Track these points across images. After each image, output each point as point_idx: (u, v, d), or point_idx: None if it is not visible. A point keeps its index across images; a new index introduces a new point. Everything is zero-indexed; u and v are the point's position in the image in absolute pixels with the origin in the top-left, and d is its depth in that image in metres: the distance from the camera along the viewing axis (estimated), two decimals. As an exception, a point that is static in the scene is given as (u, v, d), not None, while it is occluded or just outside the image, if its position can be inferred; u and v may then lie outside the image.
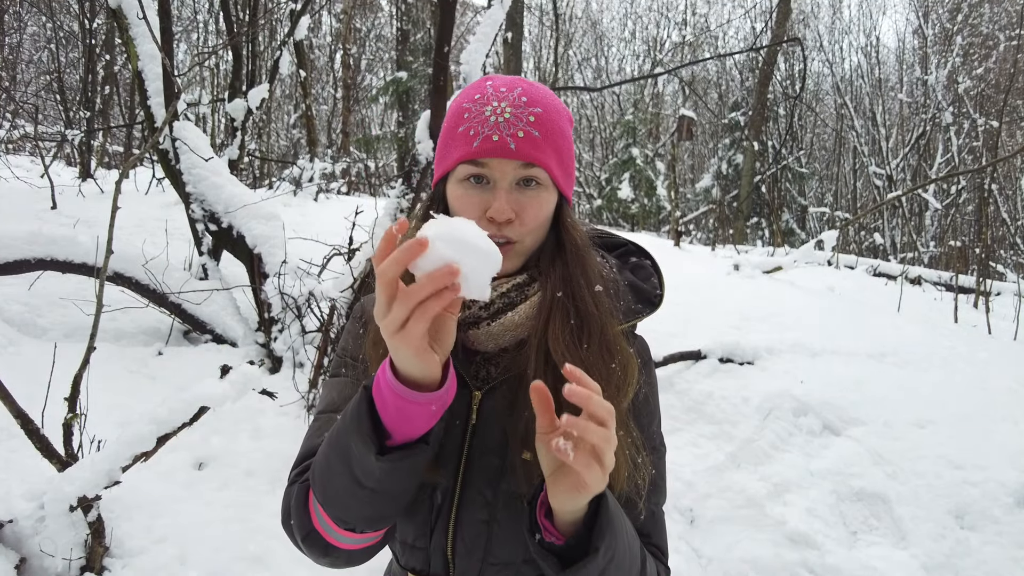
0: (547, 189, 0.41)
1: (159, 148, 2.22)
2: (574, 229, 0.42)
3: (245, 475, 1.41)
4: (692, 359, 1.78)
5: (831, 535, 1.31)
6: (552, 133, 0.41)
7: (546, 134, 0.41)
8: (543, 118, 0.41)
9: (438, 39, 1.63)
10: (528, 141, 0.40)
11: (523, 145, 0.40)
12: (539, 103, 0.41)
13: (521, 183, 0.41)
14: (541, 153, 0.40)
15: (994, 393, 1.71)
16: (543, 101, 0.42)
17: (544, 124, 0.41)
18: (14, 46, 6.51)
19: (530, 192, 0.41)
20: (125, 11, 2.17)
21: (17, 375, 1.27)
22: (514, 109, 0.40)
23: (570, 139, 0.43)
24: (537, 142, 0.40)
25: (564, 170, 0.42)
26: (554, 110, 0.42)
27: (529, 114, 0.40)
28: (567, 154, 0.42)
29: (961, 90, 7.30)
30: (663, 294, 0.45)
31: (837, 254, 3.87)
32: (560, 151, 0.42)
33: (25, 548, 1.06)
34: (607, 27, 10.63)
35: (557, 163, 0.41)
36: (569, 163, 0.43)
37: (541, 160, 0.40)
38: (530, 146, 0.40)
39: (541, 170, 0.41)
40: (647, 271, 0.47)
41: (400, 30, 7.88)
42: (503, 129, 0.40)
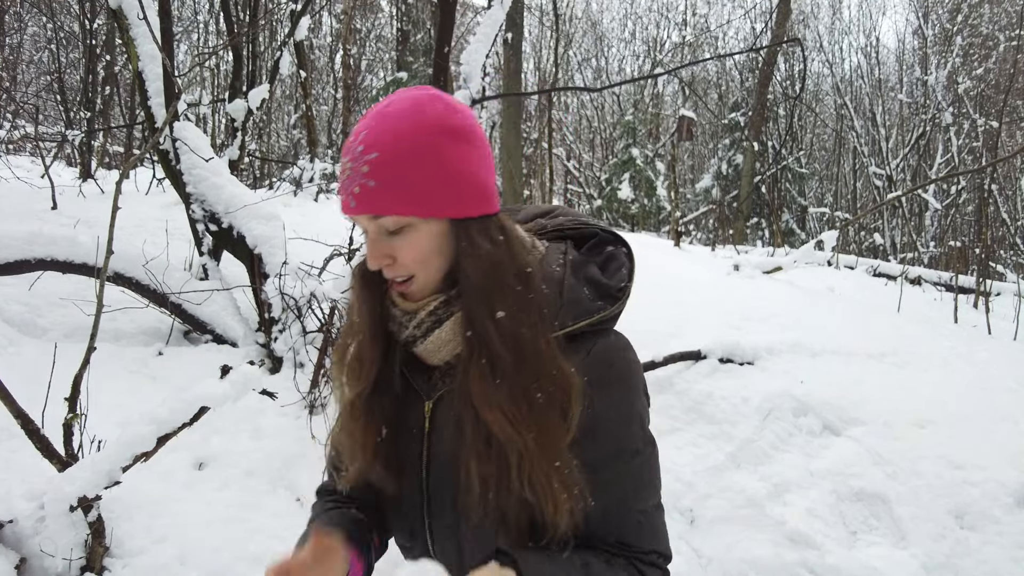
0: (417, 228, 0.39)
1: (159, 148, 2.22)
2: (474, 249, 0.39)
3: (245, 475, 1.41)
4: (692, 359, 1.78)
5: (831, 535, 1.31)
6: (395, 173, 0.38)
7: (385, 178, 0.38)
8: (380, 161, 0.38)
9: (438, 39, 1.63)
10: (364, 195, 0.39)
11: (360, 201, 0.39)
12: (379, 146, 0.38)
13: (385, 232, 0.40)
14: (379, 202, 0.39)
15: (994, 393, 1.70)
16: (385, 140, 0.38)
17: (383, 167, 0.38)
18: (15, 46, 6.52)
19: (398, 237, 0.40)
20: (125, 11, 2.17)
21: (17, 375, 1.27)
22: (353, 163, 0.39)
23: (443, 158, 0.38)
24: (372, 192, 0.38)
25: (434, 199, 0.38)
26: (402, 142, 0.38)
27: (363, 164, 0.39)
28: (435, 180, 0.38)
29: (961, 90, 7.31)
30: (629, 286, 0.42)
31: (837, 254, 3.86)
32: (416, 185, 0.38)
33: (25, 548, 1.06)
34: (607, 27, 10.67)
35: (413, 200, 0.38)
36: (443, 186, 0.38)
37: (381, 209, 0.39)
38: (366, 200, 0.39)
39: (391, 217, 0.39)
40: (619, 261, 0.44)
41: (400, 30, 7.90)
42: (346, 188, 0.39)
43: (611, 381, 0.42)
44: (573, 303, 0.41)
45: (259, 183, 5.15)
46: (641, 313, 2.53)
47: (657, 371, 1.74)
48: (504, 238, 0.41)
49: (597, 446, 0.41)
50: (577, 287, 0.42)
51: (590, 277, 0.43)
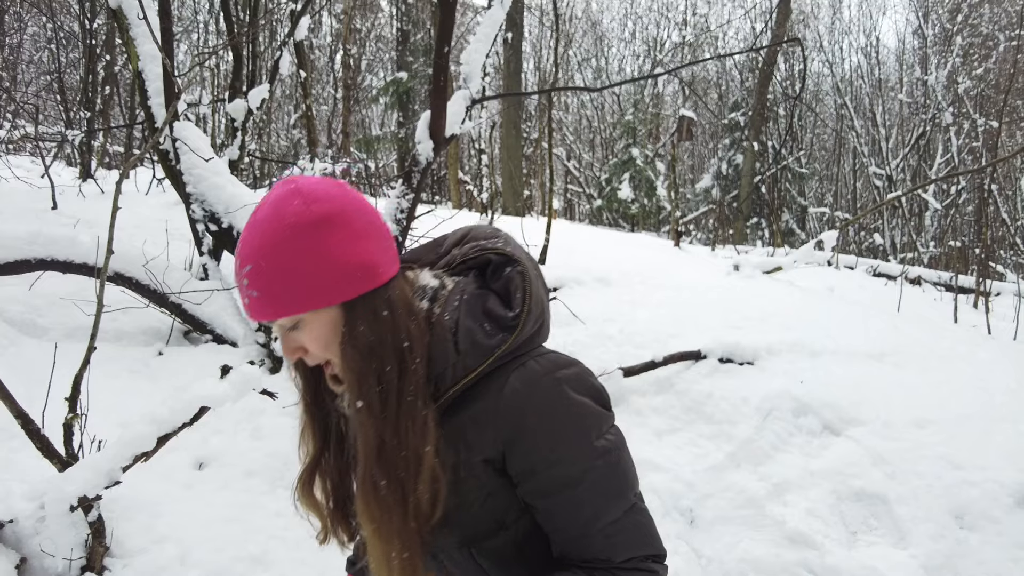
0: (310, 320, 0.41)
1: (159, 148, 2.22)
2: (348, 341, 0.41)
3: (245, 475, 1.41)
4: (692, 359, 1.78)
5: (831, 535, 1.31)
6: (270, 282, 0.40)
7: (264, 288, 0.41)
8: (255, 274, 0.41)
9: (438, 39, 1.63)
10: (252, 305, 0.42)
11: (252, 311, 0.42)
12: (252, 258, 0.41)
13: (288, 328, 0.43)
14: (264, 309, 0.41)
15: (994, 393, 1.70)
16: (257, 251, 0.40)
17: (258, 280, 0.41)
18: (14, 46, 6.51)
19: (299, 331, 0.42)
20: (125, 11, 2.17)
21: (18, 375, 1.28)
22: (238, 278, 0.42)
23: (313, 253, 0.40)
24: (257, 302, 0.41)
25: (313, 294, 0.40)
26: (272, 250, 0.40)
27: (244, 278, 0.41)
28: (309, 276, 0.40)
29: (961, 90, 7.31)
30: (521, 312, 0.42)
31: (837, 254, 3.88)
32: (293, 287, 0.40)
33: (25, 548, 1.06)
34: (607, 27, 10.67)
35: (294, 300, 0.40)
36: (319, 279, 0.40)
37: (268, 315, 0.41)
38: (255, 310, 0.42)
39: (282, 319, 0.42)
40: (514, 284, 0.43)
41: (400, 30, 7.90)
42: (241, 300, 0.43)
43: (533, 416, 0.41)
44: (471, 348, 0.42)
45: (259, 183, 5.15)
46: (642, 313, 2.53)
47: (657, 371, 1.73)
48: (388, 312, 0.41)
49: (540, 482, 0.42)
50: (473, 329, 0.42)
51: (487, 310, 0.43)
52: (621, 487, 0.43)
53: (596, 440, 0.42)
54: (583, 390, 0.43)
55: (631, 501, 0.43)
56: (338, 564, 1.24)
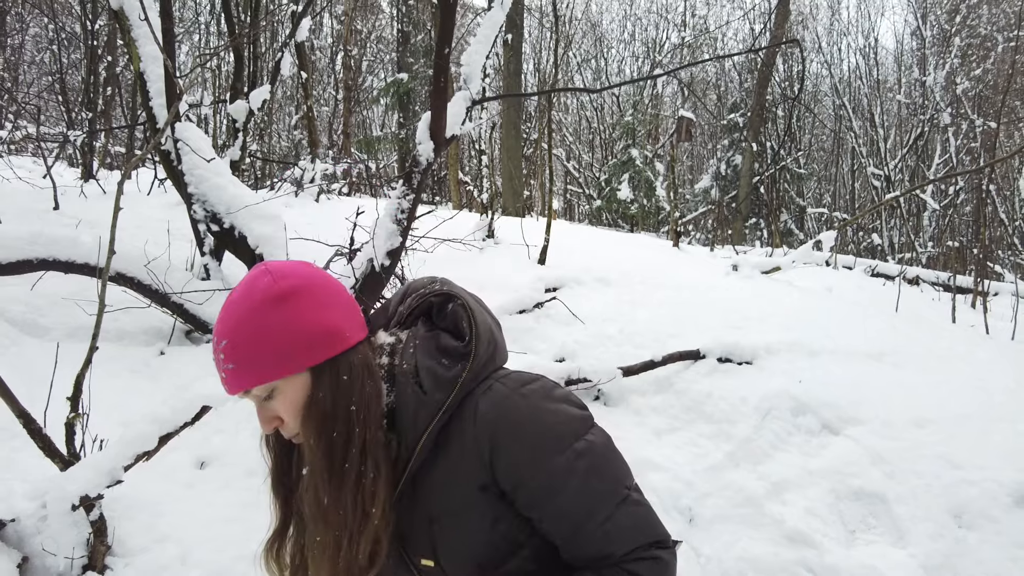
0: (282, 389, 0.44)
1: (161, 149, 2.22)
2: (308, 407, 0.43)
3: (247, 474, 1.41)
4: (691, 359, 1.78)
5: (829, 534, 1.31)
6: (243, 354, 0.43)
7: (238, 360, 0.43)
8: (230, 348, 0.44)
9: (439, 41, 1.64)
10: (228, 379, 0.44)
11: (228, 384, 0.45)
12: (227, 334, 0.44)
13: (264, 399, 0.45)
14: (240, 381, 0.44)
15: (992, 393, 1.71)
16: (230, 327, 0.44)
17: (233, 353, 0.44)
18: (16, 47, 6.53)
19: (273, 400, 0.45)
20: (127, 12, 2.18)
21: (19, 375, 1.28)
22: (215, 353, 0.45)
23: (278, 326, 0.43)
24: (233, 374, 0.44)
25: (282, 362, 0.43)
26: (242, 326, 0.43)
27: (220, 353, 0.44)
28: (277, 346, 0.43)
29: (959, 91, 7.35)
30: (470, 338, 0.44)
31: (835, 254, 3.88)
32: (263, 356, 0.43)
33: (27, 547, 1.07)
34: (607, 29, 10.69)
35: (266, 369, 0.43)
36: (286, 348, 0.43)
37: (243, 386, 0.44)
38: (231, 382, 0.44)
39: (256, 388, 0.44)
40: (458, 315, 0.46)
41: (401, 32, 7.92)
42: (218, 375, 0.45)
43: (507, 432, 0.43)
44: (435, 385, 0.44)
45: (260, 184, 5.15)
46: (641, 313, 2.53)
47: (656, 371, 1.74)
48: (348, 376, 0.44)
49: (529, 492, 0.43)
50: (432, 366, 0.44)
51: (441, 347, 0.45)
52: (608, 483, 0.44)
53: (574, 443, 0.44)
54: (551, 398, 0.45)
55: (622, 494, 0.44)
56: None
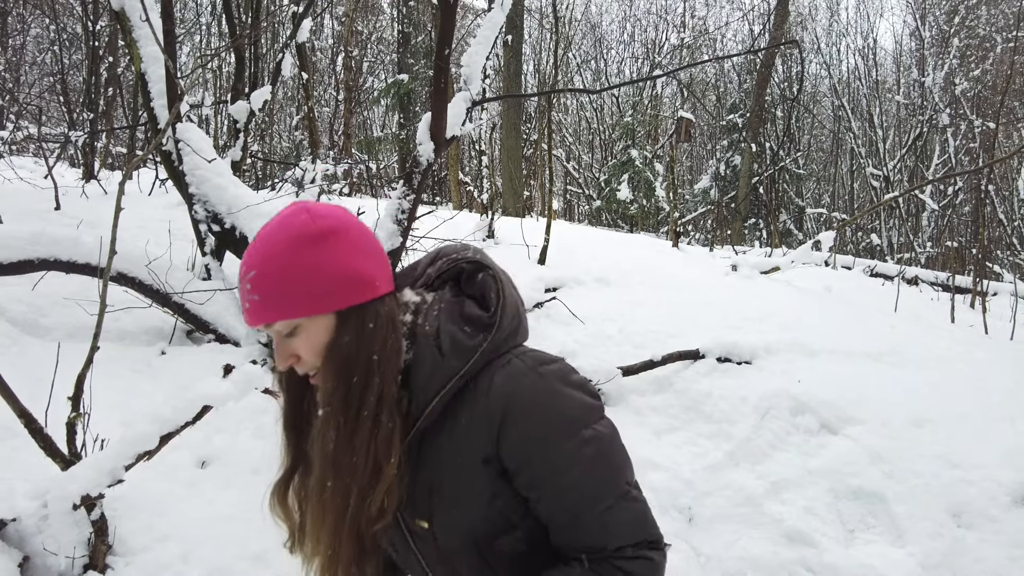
0: (306, 327, 0.44)
1: (162, 149, 2.22)
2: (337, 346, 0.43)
3: (248, 474, 1.41)
4: (690, 359, 1.79)
5: (828, 533, 1.32)
6: (271, 286, 0.43)
7: (265, 292, 0.43)
8: (258, 279, 0.43)
9: (439, 42, 1.65)
10: (252, 309, 0.44)
11: (251, 314, 0.45)
12: (256, 264, 0.44)
13: (286, 335, 0.45)
14: (265, 313, 0.44)
15: (991, 392, 1.71)
16: (261, 258, 0.43)
17: (260, 284, 0.43)
18: (18, 48, 6.53)
19: (295, 338, 0.45)
20: (128, 13, 2.18)
21: (21, 374, 1.28)
22: (241, 283, 0.45)
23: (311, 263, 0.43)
24: (258, 305, 0.44)
25: (311, 300, 0.43)
26: (274, 258, 0.43)
27: (247, 283, 0.44)
28: (307, 283, 0.43)
29: (958, 92, 7.35)
30: (497, 309, 0.44)
31: (834, 255, 3.90)
32: (292, 292, 0.43)
33: (28, 546, 1.07)
34: (606, 30, 10.72)
35: (293, 304, 0.43)
36: (316, 286, 0.43)
37: (267, 318, 0.44)
38: (255, 313, 0.44)
39: (279, 323, 0.44)
40: (487, 286, 0.46)
41: (401, 33, 7.93)
42: (241, 305, 0.46)
43: (520, 409, 0.43)
44: (454, 350, 0.44)
45: (261, 184, 5.16)
46: (640, 313, 2.53)
47: (656, 370, 1.74)
48: (373, 324, 0.44)
49: (533, 470, 0.43)
50: (454, 332, 0.44)
51: (465, 315, 0.45)
52: (612, 474, 0.44)
53: (583, 429, 0.43)
54: (568, 383, 0.45)
55: (623, 488, 0.44)
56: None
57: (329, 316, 0.43)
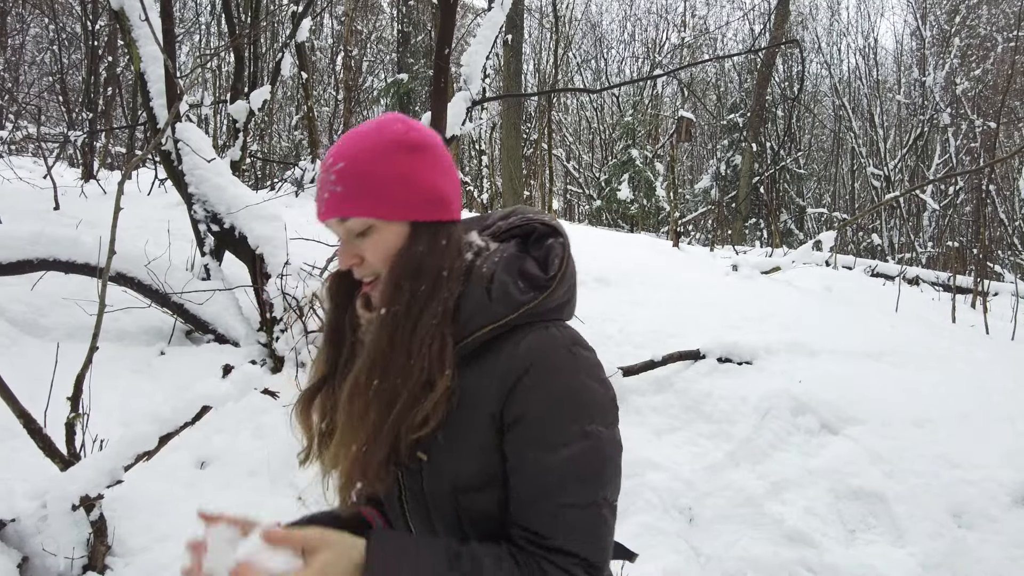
0: (380, 229, 0.44)
1: (161, 149, 2.22)
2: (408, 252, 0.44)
3: (247, 474, 1.41)
4: (691, 359, 1.79)
5: (829, 533, 1.31)
6: (358, 180, 0.43)
7: (350, 184, 0.43)
8: (345, 171, 0.43)
9: (439, 41, 1.65)
10: (332, 200, 0.44)
11: (328, 206, 0.44)
12: (344, 157, 0.44)
13: (357, 234, 0.45)
14: (346, 204, 0.44)
15: (992, 393, 1.71)
16: (350, 153, 0.44)
17: (347, 176, 0.43)
18: (17, 47, 6.53)
19: (366, 238, 0.45)
20: (127, 13, 2.18)
21: (20, 375, 1.28)
22: (323, 174, 0.44)
23: (401, 168, 0.43)
24: (339, 197, 0.44)
25: (393, 203, 0.43)
26: (365, 155, 0.43)
27: (331, 173, 0.44)
28: (393, 186, 0.43)
29: (959, 91, 7.35)
30: (559, 275, 0.45)
31: (835, 254, 3.88)
32: (377, 190, 0.43)
33: (27, 547, 1.07)
34: (607, 29, 10.71)
35: (375, 203, 0.43)
36: (401, 192, 0.43)
37: (346, 212, 0.44)
38: (334, 204, 0.44)
39: (355, 219, 0.44)
40: (555, 252, 0.46)
41: (401, 32, 7.92)
42: (318, 197, 0.45)
43: (539, 372, 0.42)
44: (502, 299, 0.44)
45: (261, 184, 5.15)
46: (641, 313, 2.53)
47: (656, 371, 1.74)
48: (446, 243, 0.45)
49: (522, 433, 0.42)
50: (507, 283, 0.44)
51: (523, 271, 0.45)
52: (594, 479, 0.42)
53: (589, 423, 0.43)
54: (594, 375, 0.44)
55: (596, 498, 0.42)
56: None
57: (404, 224, 0.44)
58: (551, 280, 0.44)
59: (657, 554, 1.27)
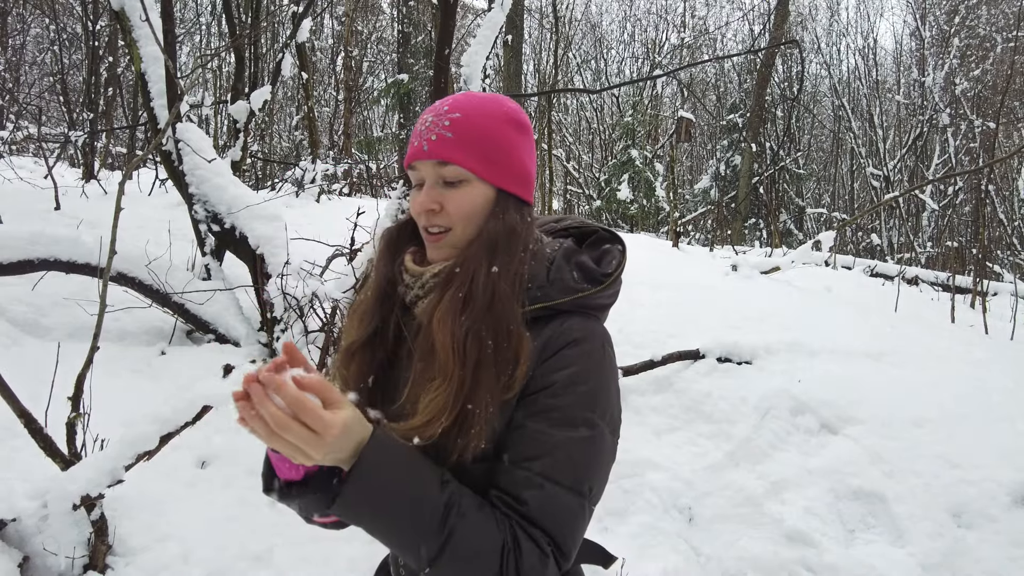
0: (472, 185, 0.46)
1: (162, 149, 2.23)
2: (497, 218, 0.45)
3: (247, 474, 1.41)
4: (690, 359, 1.79)
5: (829, 533, 1.32)
6: (470, 133, 0.45)
7: (462, 134, 0.45)
8: (460, 121, 0.45)
9: (439, 41, 1.65)
10: (440, 142, 0.45)
11: (434, 146, 0.45)
12: (461, 109, 0.46)
13: (443, 182, 0.46)
14: (453, 150, 0.45)
15: (991, 393, 1.71)
16: (466, 108, 0.46)
17: (461, 126, 0.45)
18: (18, 48, 6.54)
19: (454, 189, 0.46)
20: (128, 13, 2.18)
21: (21, 375, 1.27)
22: (435, 117, 0.46)
23: (509, 139, 0.46)
24: (448, 142, 0.45)
25: (493, 165, 0.45)
26: (481, 114, 0.46)
27: (445, 119, 0.45)
28: (499, 151, 0.46)
29: (958, 92, 7.34)
30: (613, 273, 0.47)
31: (834, 255, 3.90)
32: (482, 149, 0.45)
33: (28, 547, 1.07)
34: (606, 30, 10.71)
35: (480, 159, 0.45)
36: (500, 159, 0.46)
37: (451, 157, 0.45)
38: (440, 146, 0.45)
39: (455, 167, 0.45)
40: (612, 255, 0.48)
41: (401, 33, 7.92)
42: (422, 135, 0.46)
43: (578, 354, 0.44)
44: (558, 282, 0.46)
45: (261, 184, 5.16)
46: (640, 313, 2.53)
47: (656, 371, 1.74)
48: (529, 220, 0.48)
49: (537, 401, 0.43)
50: (564, 269, 0.47)
51: (580, 263, 0.48)
52: (585, 468, 0.43)
53: (600, 419, 0.44)
54: (615, 380, 0.46)
55: (582, 489, 0.43)
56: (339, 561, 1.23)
57: (492, 189, 0.46)
58: (607, 276, 0.46)
59: (657, 554, 1.27)
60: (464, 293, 0.44)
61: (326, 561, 1.17)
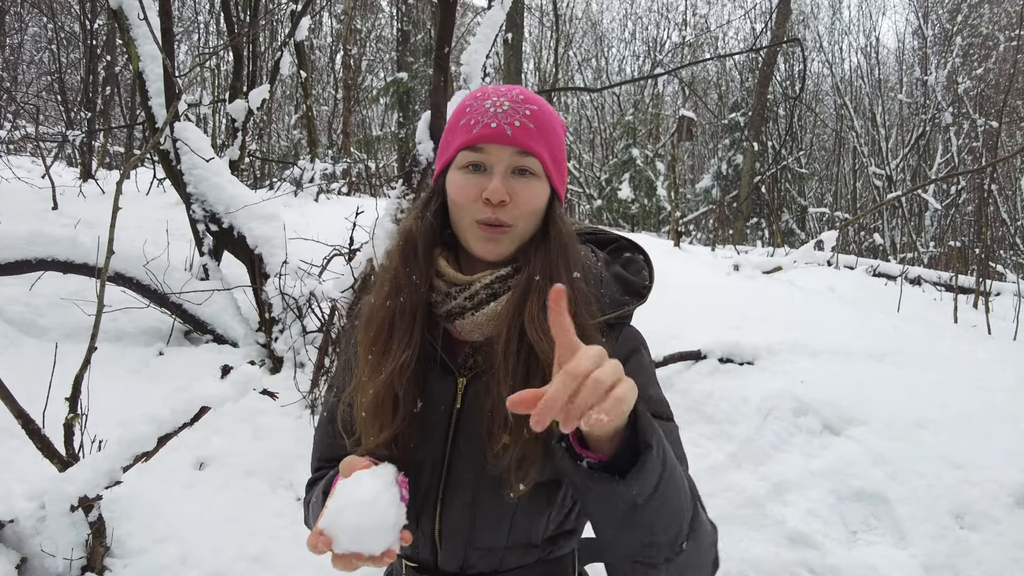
0: (540, 180, 0.44)
1: (160, 149, 2.22)
2: (561, 221, 0.45)
3: (246, 475, 1.41)
4: (692, 359, 1.79)
5: (831, 535, 1.31)
6: (546, 129, 0.44)
7: (541, 127, 0.44)
8: (538, 115, 0.44)
9: (438, 40, 1.64)
10: (524, 130, 0.43)
11: (519, 133, 0.43)
12: (535, 103, 0.45)
13: (516, 172, 0.43)
14: (536, 143, 0.43)
15: (994, 393, 1.70)
16: (539, 103, 0.45)
17: (539, 119, 0.44)
18: (15, 47, 6.54)
19: (524, 180, 0.43)
20: (126, 12, 2.18)
21: (18, 375, 1.27)
22: (512, 103, 0.44)
23: (563, 143, 0.47)
24: (532, 132, 0.43)
25: (557, 166, 0.45)
26: (549, 113, 0.46)
27: (526, 108, 0.44)
28: (560, 153, 0.46)
29: (961, 90, 7.30)
30: (651, 285, 0.48)
31: (837, 254, 3.87)
32: (553, 148, 0.45)
33: (26, 548, 1.07)
34: (607, 28, 10.68)
35: (550, 157, 0.45)
36: (561, 162, 0.46)
37: (535, 149, 0.43)
38: (525, 135, 0.43)
39: (535, 160, 0.44)
40: (638, 264, 0.49)
41: (400, 31, 7.90)
42: (501, 118, 0.43)
43: (637, 361, 0.45)
44: (610, 296, 0.46)
45: (259, 183, 5.15)
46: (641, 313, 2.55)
47: (657, 371, 1.73)
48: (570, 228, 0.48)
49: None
50: (610, 282, 0.47)
51: (618, 274, 0.48)
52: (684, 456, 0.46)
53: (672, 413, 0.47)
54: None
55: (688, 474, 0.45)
56: (338, 564, 1.22)
57: (548, 188, 0.45)
58: (647, 289, 0.48)
59: (658, 555, 1.26)
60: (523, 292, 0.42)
61: (325, 562, 1.16)
